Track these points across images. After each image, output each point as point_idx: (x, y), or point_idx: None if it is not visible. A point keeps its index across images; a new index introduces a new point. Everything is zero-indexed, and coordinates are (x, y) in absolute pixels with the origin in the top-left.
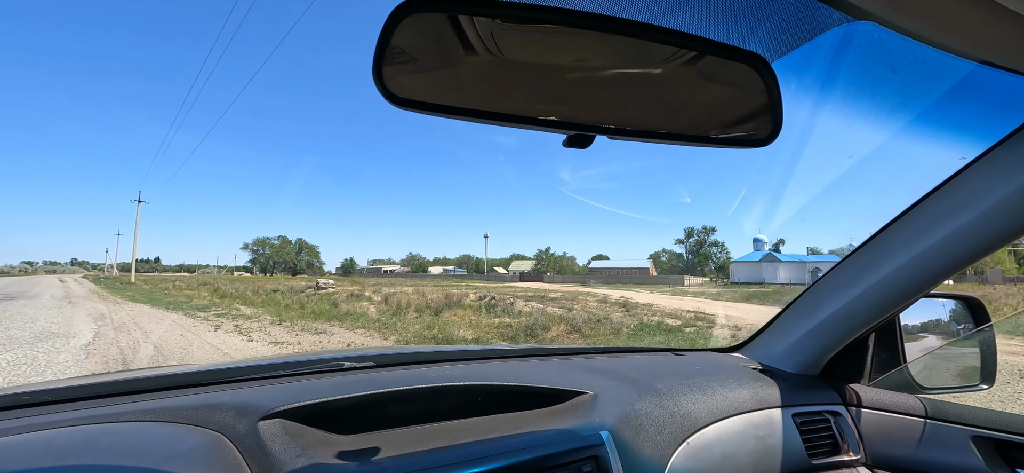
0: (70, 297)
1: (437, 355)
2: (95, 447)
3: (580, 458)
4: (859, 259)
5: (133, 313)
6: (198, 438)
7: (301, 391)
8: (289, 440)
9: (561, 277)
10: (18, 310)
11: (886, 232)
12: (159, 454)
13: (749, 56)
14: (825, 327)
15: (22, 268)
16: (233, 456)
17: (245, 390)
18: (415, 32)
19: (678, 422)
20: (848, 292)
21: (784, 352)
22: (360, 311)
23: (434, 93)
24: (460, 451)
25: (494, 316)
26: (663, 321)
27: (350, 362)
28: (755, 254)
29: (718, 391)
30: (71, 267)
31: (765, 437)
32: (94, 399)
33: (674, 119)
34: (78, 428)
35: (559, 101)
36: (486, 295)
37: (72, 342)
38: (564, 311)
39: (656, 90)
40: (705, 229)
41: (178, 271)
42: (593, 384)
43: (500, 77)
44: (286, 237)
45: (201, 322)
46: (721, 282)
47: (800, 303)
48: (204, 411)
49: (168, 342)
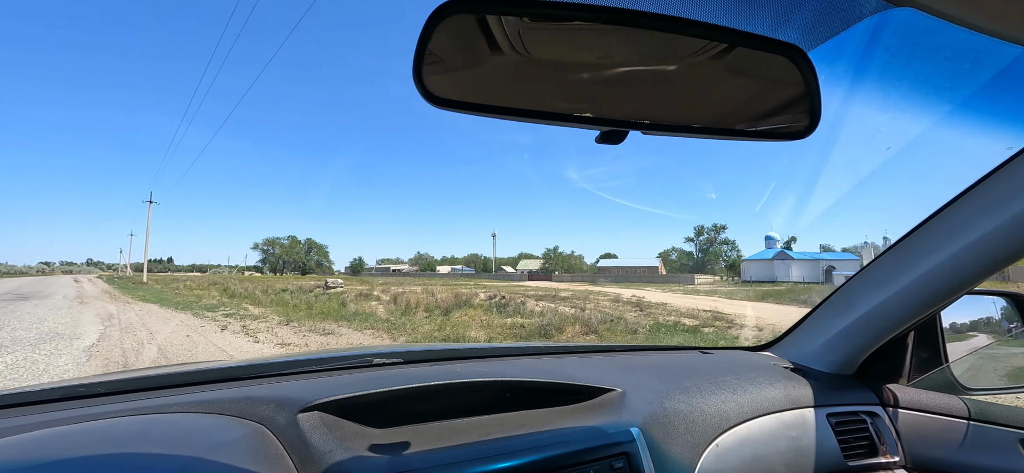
0: (82, 297)
1: (463, 352)
2: (149, 437)
3: (610, 454)
4: (896, 255)
5: (142, 313)
6: (241, 430)
7: (334, 385)
8: (327, 432)
9: (569, 276)
10: (28, 310)
11: (926, 226)
12: (207, 444)
13: (784, 46)
14: (860, 325)
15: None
16: (275, 447)
17: (282, 384)
18: (452, 33)
19: (708, 421)
20: (885, 289)
21: (817, 351)
22: (369, 311)
23: (470, 92)
24: (490, 446)
25: (506, 316)
26: (680, 321)
27: (379, 358)
28: (767, 252)
29: (748, 390)
30: (87, 267)
31: (798, 437)
32: (141, 391)
33: (708, 113)
34: (131, 419)
35: (592, 97)
36: (496, 294)
37: (75, 344)
38: (576, 310)
39: (689, 84)
40: (715, 227)
41: (190, 271)
42: (620, 381)
43: (534, 75)
44: (296, 237)
45: (208, 322)
46: (732, 281)
47: (833, 301)
48: (245, 404)
49: (173, 344)
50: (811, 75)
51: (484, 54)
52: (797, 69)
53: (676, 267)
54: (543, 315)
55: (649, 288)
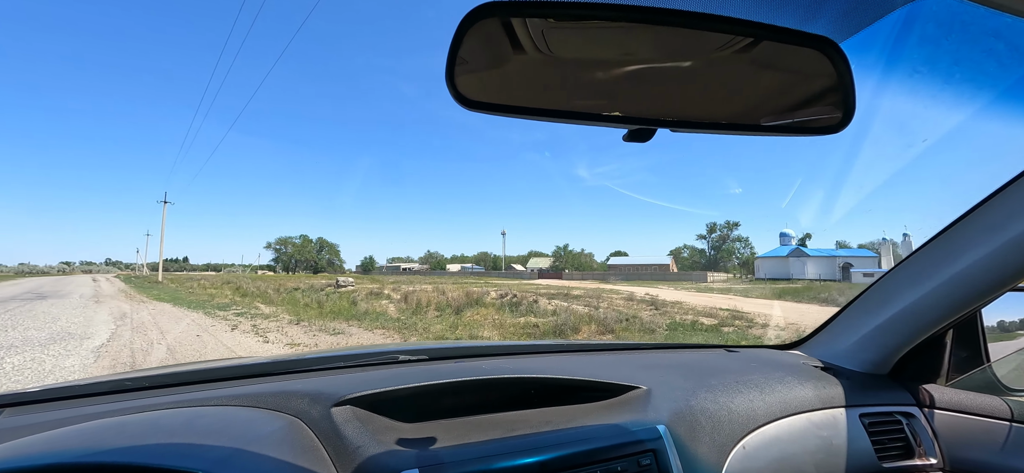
0: (98, 296)
1: (486, 350)
2: (195, 428)
3: (637, 452)
4: (933, 251)
5: (154, 312)
6: (278, 422)
7: (364, 381)
8: (359, 425)
9: (580, 274)
10: (44, 310)
11: (965, 221)
12: (247, 436)
13: (816, 40)
14: (895, 323)
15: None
16: (310, 439)
17: (313, 379)
18: (482, 38)
19: (735, 419)
20: (921, 286)
21: (849, 350)
22: (379, 310)
23: (500, 94)
24: (516, 441)
25: (518, 315)
26: (697, 320)
27: (405, 355)
28: (781, 249)
29: (777, 389)
30: (105, 267)
31: (829, 438)
32: (183, 386)
33: (736, 108)
34: (177, 411)
35: (619, 96)
36: (507, 292)
37: (85, 344)
38: (590, 309)
39: (716, 79)
40: (728, 224)
41: (205, 270)
42: (645, 379)
43: (561, 75)
44: (307, 236)
45: (220, 321)
46: (746, 278)
47: (866, 298)
48: (281, 398)
49: (183, 344)
50: (844, 68)
51: (513, 56)
52: (829, 62)
53: (687, 265)
54: (557, 314)
55: (661, 286)
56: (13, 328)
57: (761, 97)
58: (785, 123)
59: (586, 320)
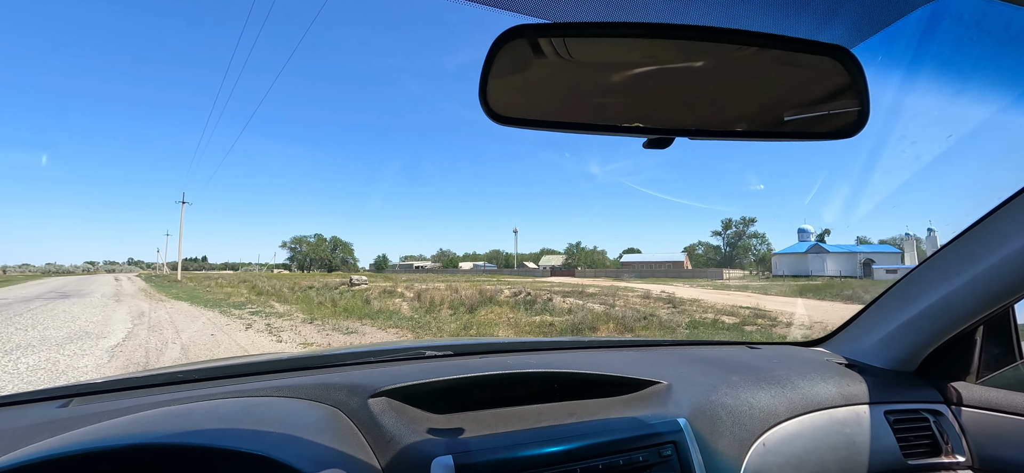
0: (119, 295)
1: (510, 346)
2: (251, 415)
3: (658, 444)
4: (963, 245)
5: (172, 311)
6: (320, 412)
7: (396, 375)
8: (395, 415)
9: (593, 271)
10: (65, 309)
11: (996, 215)
12: (295, 423)
13: (829, 48)
14: (923, 320)
15: (85, 268)
16: (349, 427)
17: (348, 373)
18: (511, 58)
19: (756, 415)
20: (950, 281)
21: (874, 347)
22: (392, 309)
23: (529, 109)
24: (541, 432)
25: (533, 313)
26: (718, 318)
27: (431, 350)
28: (800, 245)
29: (799, 385)
30: (128, 266)
31: (853, 435)
32: (234, 378)
33: (753, 116)
34: (233, 400)
35: (640, 108)
36: (521, 290)
37: (101, 344)
38: (606, 307)
39: (733, 89)
40: (744, 220)
41: (223, 269)
42: (666, 375)
43: (586, 90)
44: (321, 235)
45: (235, 320)
46: (763, 275)
47: (893, 294)
48: (321, 390)
49: (197, 343)
50: (859, 73)
51: (540, 74)
52: (844, 68)
53: (702, 262)
54: (572, 312)
55: (676, 283)
56: (33, 327)
57: (776, 104)
58: (801, 130)
59: (603, 319)
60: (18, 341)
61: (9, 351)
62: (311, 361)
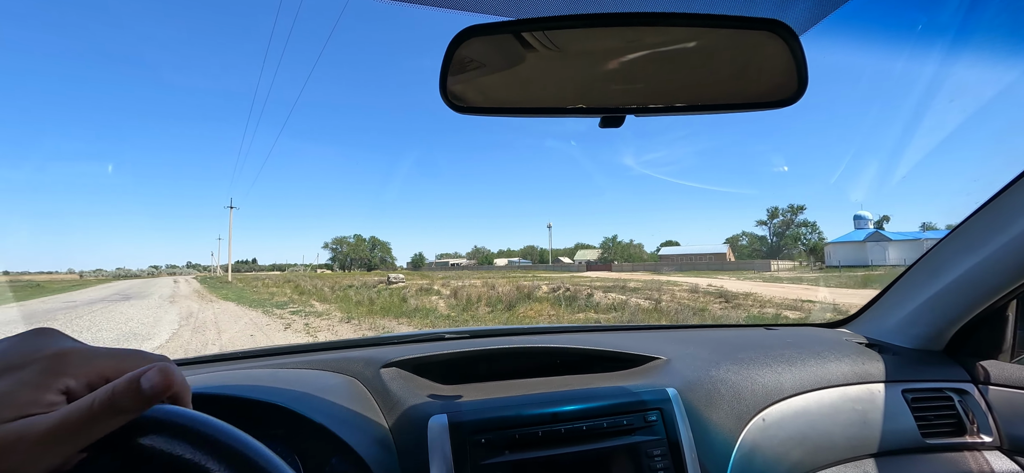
0: (174, 296)
1: (523, 330)
2: (278, 379)
3: (644, 409)
4: (989, 215)
5: (218, 312)
6: (339, 379)
7: (410, 351)
8: (403, 382)
9: (630, 265)
10: (122, 311)
11: (1021, 183)
12: (317, 386)
13: (769, 23)
14: (948, 295)
15: (150, 271)
16: (363, 392)
17: (369, 350)
18: (470, 52)
19: (758, 390)
20: (976, 254)
21: (897, 325)
22: (429, 306)
23: (486, 99)
24: (531, 396)
25: (576, 309)
26: (780, 314)
27: (449, 335)
28: (857, 233)
29: (809, 363)
30: (186, 269)
31: (865, 412)
32: (275, 355)
33: (699, 90)
34: (267, 370)
35: (591, 90)
36: (559, 286)
37: (144, 345)
38: (652, 303)
39: (681, 68)
40: (792, 208)
41: (271, 270)
42: (669, 352)
43: (538, 78)
44: (361, 235)
45: (275, 320)
46: (815, 266)
47: (916, 270)
48: (342, 363)
49: (235, 344)
50: (796, 44)
51: (494, 66)
52: (784, 41)
53: (747, 253)
54: (619, 309)
55: (721, 276)
56: (88, 330)
57: (719, 78)
58: (742, 100)
59: (654, 314)
60: None
61: None
62: (338, 343)
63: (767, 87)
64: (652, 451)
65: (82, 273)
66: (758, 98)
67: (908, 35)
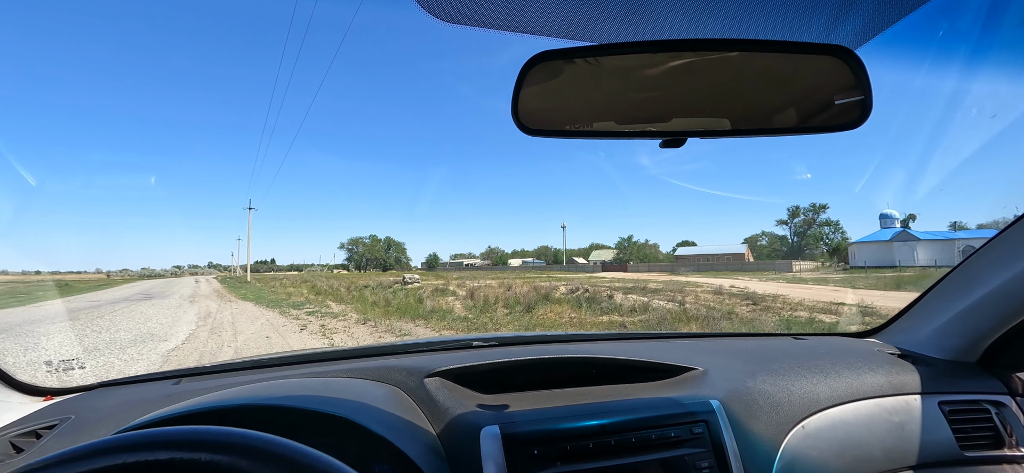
0: (195, 296)
1: (552, 337)
2: (330, 388)
3: (690, 422)
4: (1023, 229)
5: (235, 312)
6: (383, 390)
7: (447, 360)
8: (448, 392)
9: (646, 266)
10: (142, 310)
11: None
12: (366, 396)
13: (833, 49)
14: (983, 307)
15: (173, 271)
16: (408, 402)
17: (404, 358)
18: (541, 76)
19: (796, 401)
20: (1011, 267)
21: (931, 336)
22: (445, 308)
23: (554, 121)
24: (580, 408)
25: (598, 312)
26: (814, 317)
27: (478, 341)
28: (883, 232)
29: (844, 374)
30: (207, 269)
31: (902, 424)
32: (314, 362)
33: (761, 115)
34: (317, 378)
35: (655, 113)
36: (577, 287)
37: (160, 347)
38: (675, 305)
39: (741, 92)
40: (814, 207)
41: (289, 270)
42: (703, 362)
43: (605, 101)
44: (376, 236)
45: (292, 321)
46: (839, 267)
47: (950, 281)
48: (383, 372)
49: (250, 346)
50: (860, 69)
51: (565, 89)
52: (848, 67)
53: (766, 253)
54: (642, 311)
55: (741, 277)
56: (106, 330)
57: (782, 102)
58: (807, 123)
59: (682, 318)
60: (88, 344)
61: (74, 354)
62: (374, 350)
63: (831, 111)
64: (700, 463)
65: (109, 273)
66: (822, 122)
67: (930, 45)
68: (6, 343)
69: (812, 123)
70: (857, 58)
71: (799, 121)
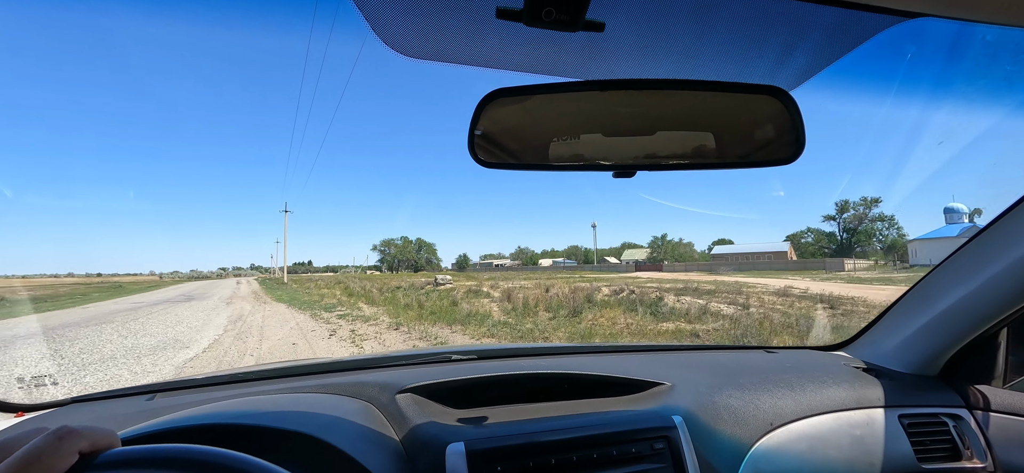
0: (232, 298)
1: (529, 350)
2: (300, 404)
3: (651, 437)
4: (982, 244)
5: (267, 314)
6: (356, 405)
7: (422, 375)
8: (418, 409)
9: (682, 265)
10: (176, 312)
11: (1009, 216)
12: (336, 412)
13: (770, 89)
14: (942, 322)
15: (218, 273)
16: (380, 418)
17: (381, 373)
18: (496, 113)
19: (761, 414)
20: (969, 282)
21: (893, 350)
22: (482, 311)
23: (509, 155)
24: (543, 422)
25: (660, 319)
26: None
27: (456, 354)
28: (950, 228)
29: (809, 388)
30: (250, 271)
31: (862, 437)
32: (286, 377)
33: (705, 150)
34: (286, 395)
35: (606, 148)
36: (620, 288)
37: (180, 354)
38: (738, 309)
39: (687, 128)
40: (866, 201)
41: (325, 271)
42: (672, 376)
43: (556, 137)
44: (407, 237)
45: (321, 325)
46: (898, 265)
47: (911, 296)
48: (357, 387)
49: (274, 354)
50: (793, 109)
51: (519, 125)
52: (783, 105)
53: (812, 251)
54: (706, 318)
55: (790, 276)
56: (134, 335)
57: (726, 139)
58: (746, 159)
59: (768, 329)
60: (105, 352)
61: (85, 365)
62: (349, 364)
63: (768, 147)
64: None
65: (161, 274)
66: (760, 157)
67: (891, 82)
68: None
69: (753, 158)
70: (791, 98)
71: (741, 156)
